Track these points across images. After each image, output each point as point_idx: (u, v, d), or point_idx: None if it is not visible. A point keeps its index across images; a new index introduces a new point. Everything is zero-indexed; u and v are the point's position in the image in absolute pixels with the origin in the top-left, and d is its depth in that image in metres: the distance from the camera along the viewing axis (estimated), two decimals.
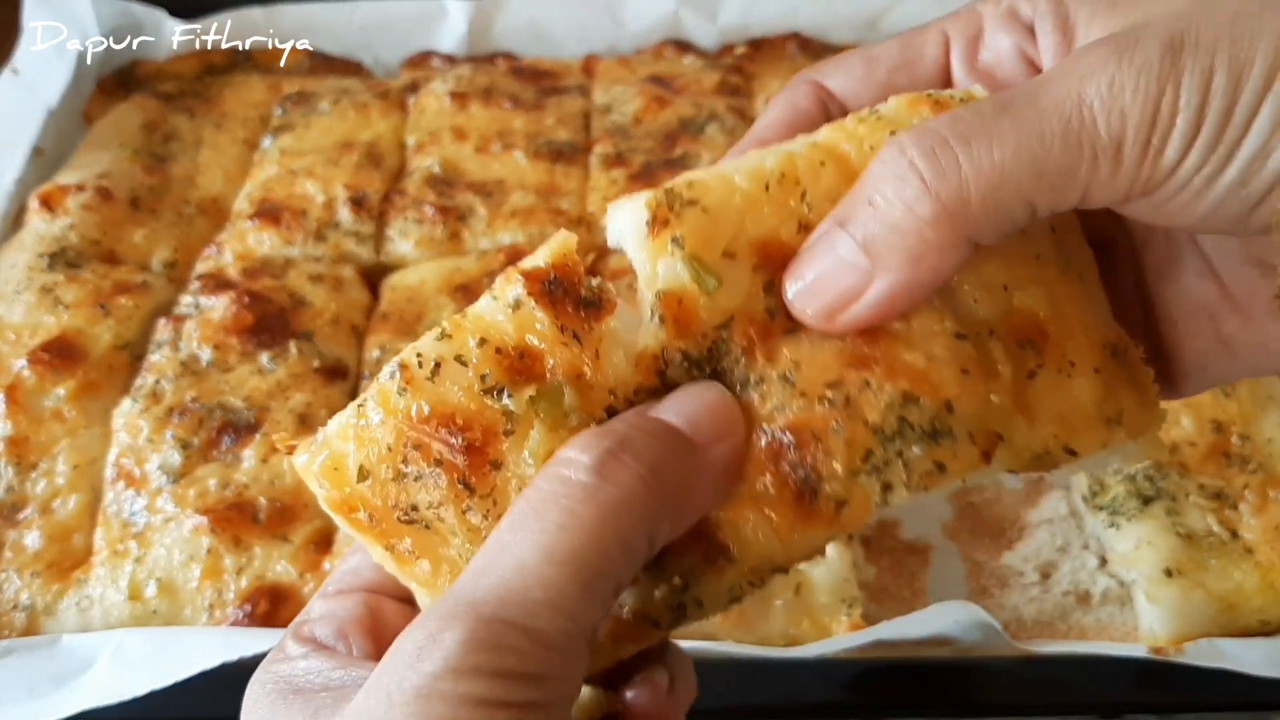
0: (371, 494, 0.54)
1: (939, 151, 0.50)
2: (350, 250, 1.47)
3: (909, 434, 0.53)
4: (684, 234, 0.54)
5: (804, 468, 0.52)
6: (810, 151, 0.56)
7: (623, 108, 1.70)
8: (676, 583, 0.52)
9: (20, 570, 1.12)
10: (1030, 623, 1.12)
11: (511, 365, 0.53)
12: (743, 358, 0.54)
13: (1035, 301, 0.56)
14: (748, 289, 0.54)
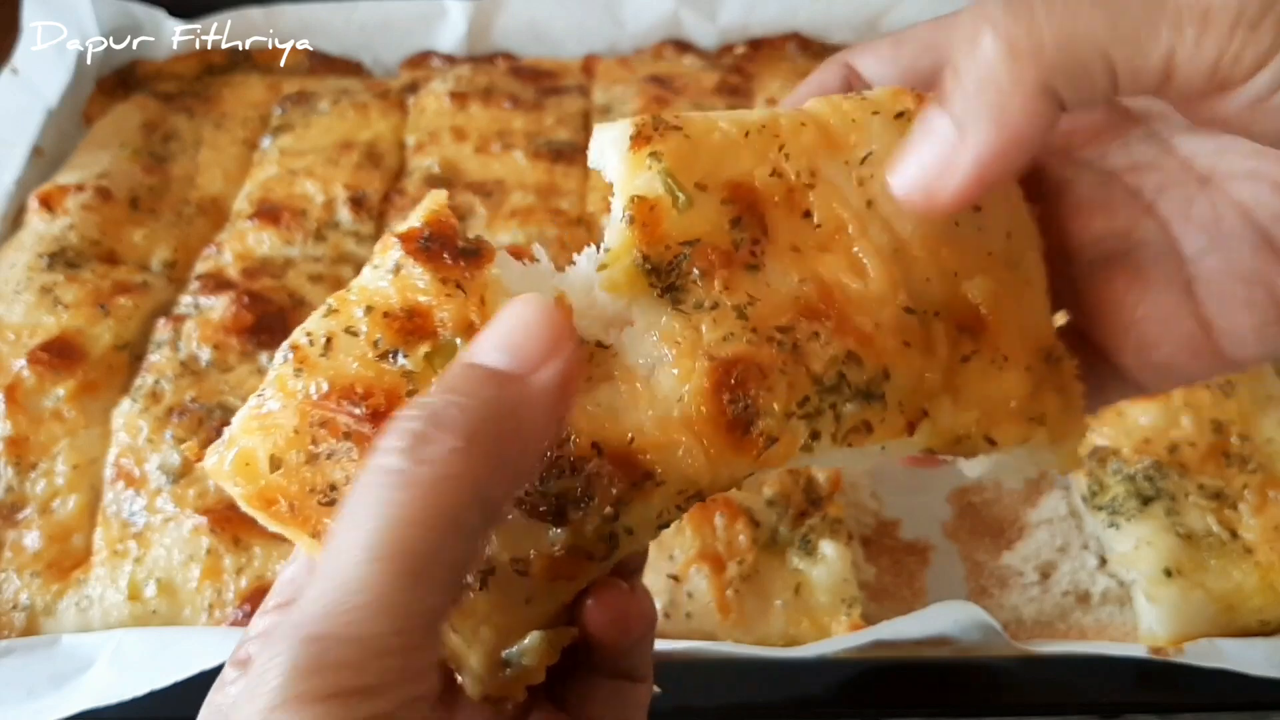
0: (287, 482, 0.54)
1: (1019, 7, 0.49)
2: (350, 250, 1.47)
3: (845, 390, 0.54)
4: (664, 152, 0.56)
5: (744, 400, 0.53)
6: (794, 114, 0.59)
7: (622, 108, 1.70)
8: (608, 512, 0.52)
9: (20, 570, 1.12)
10: (1030, 623, 1.12)
11: (402, 327, 0.54)
12: (701, 280, 0.54)
13: (980, 292, 0.58)
14: (715, 219, 0.56)
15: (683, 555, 1.08)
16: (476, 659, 0.54)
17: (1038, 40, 0.49)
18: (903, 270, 0.57)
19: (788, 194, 0.57)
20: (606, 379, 0.54)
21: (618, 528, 0.53)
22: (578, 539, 0.52)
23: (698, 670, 0.98)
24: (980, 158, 0.51)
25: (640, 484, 0.52)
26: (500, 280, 0.55)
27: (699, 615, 1.05)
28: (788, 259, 0.56)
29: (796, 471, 1.15)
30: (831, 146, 0.58)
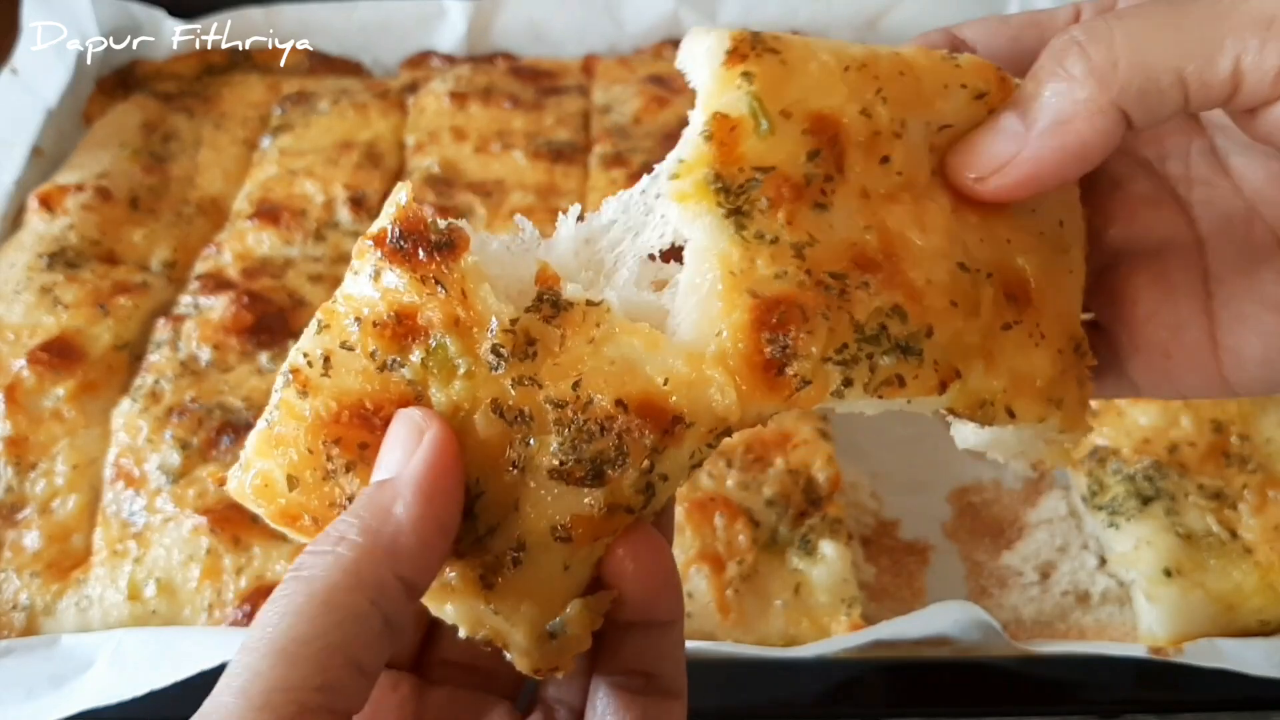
0: (307, 499, 0.54)
1: (1098, 26, 0.53)
2: (350, 250, 1.46)
3: (884, 342, 0.54)
4: (756, 74, 0.56)
5: (783, 341, 0.52)
6: (894, 59, 0.59)
7: (622, 107, 1.70)
8: (644, 465, 0.52)
9: (19, 570, 1.11)
10: (1030, 623, 1.12)
11: (394, 333, 0.54)
12: (766, 209, 0.54)
13: (1031, 266, 0.59)
14: (793, 150, 0.55)
15: (683, 555, 1.08)
16: (522, 635, 0.54)
17: (1112, 61, 0.52)
18: (961, 229, 0.57)
19: (872, 136, 0.57)
20: (609, 337, 0.53)
21: (654, 477, 0.53)
22: (616, 496, 0.53)
23: (698, 670, 0.98)
24: (1040, 164, 0.55)
25: (671, 430, 0.52)
26: (477, 266, 0.54)
27: (699, 615, 1.05)
28: (855, 202, 0.56)
29: (796, 471, 1.15)
30: (920, 102, 0.58)
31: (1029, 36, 0.63)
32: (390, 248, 0.54)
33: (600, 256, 0.58)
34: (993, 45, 0.64)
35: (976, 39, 0.65)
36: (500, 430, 0.53)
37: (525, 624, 0.54)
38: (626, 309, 0.55)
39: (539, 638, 0.54)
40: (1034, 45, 0.61)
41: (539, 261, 0.55)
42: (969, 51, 0.64)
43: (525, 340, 0.53)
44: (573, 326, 0.53)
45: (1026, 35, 0.63)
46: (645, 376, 0.52)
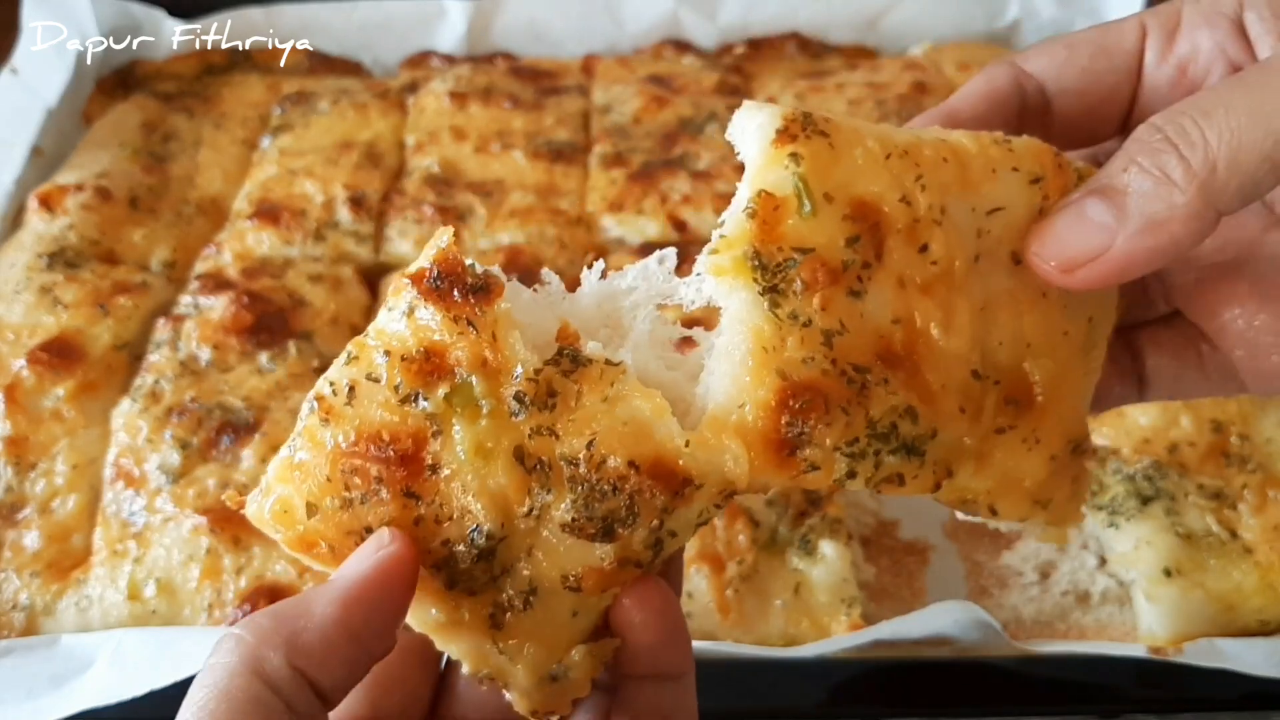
0: (324, 526, 0.56)
1: (1188, 126, 0.54)
2: (349, 250, 1.47)
3: (893, 440, 0.55)
4: (804, 155, 0.56)
5: (802, 427, 0.54)
6: (939, 145, 0.59)
7: (622, 107, 1.70)
8: (654, 524, 0.54)
9: (19, 570, 1.11)
10: (1030, 622, 1.12)
11: (420, 369, 0.55)
12: (801, 292, 0.55)
13: (1042, 372, 0.60)
14: (833, 234, 0.56)
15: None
16: (524, 676, 0.56)
17: (1210, 167, 0.53)
18: (984, 329, 0.58)
19: (912, 224, 0.57)
20: (622, 398, 0.54)
21: (663, 534, 0.54)
22: (626, 551, 0.54)
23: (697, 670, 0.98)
24: (1131, 260, 0.55)
25: (681, 491, 0.53)
26: (509, 313, 0.55)
27: (699, 615, 1.05)
28: (890, 292, 0.56)
29: None
30: (965, 188, 0.59)
31: (1100, 65, 0.63)
32: (427, 286, 0.56)
33: (620, 316, 0.60)
34: (1063, 79, 0.64)
35: (1045, 73, 0.64)
36: (520, 477, 0.54)
37: (529, 665, 0.56)
38: (640, 371, 0.56)
39: (541, 680, 0.56)
40: (1105, 72, 0.62)
41: (561, 318, 0.56)
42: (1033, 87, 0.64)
43: (547, 391, 0.54)
44: (590, 383, 0.54)
45: (1098, 65, 0.63)
46: (656, 440, 0.53)
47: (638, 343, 0.58)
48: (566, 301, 0.60)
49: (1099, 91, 0.63)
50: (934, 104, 1.71)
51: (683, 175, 1.53)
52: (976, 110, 0.64)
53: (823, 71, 1.78)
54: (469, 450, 0.54)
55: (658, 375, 0.57)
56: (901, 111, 1.63)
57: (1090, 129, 0.65)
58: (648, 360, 0.58)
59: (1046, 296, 0.60)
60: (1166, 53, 0.62)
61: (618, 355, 0.56)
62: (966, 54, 1.81)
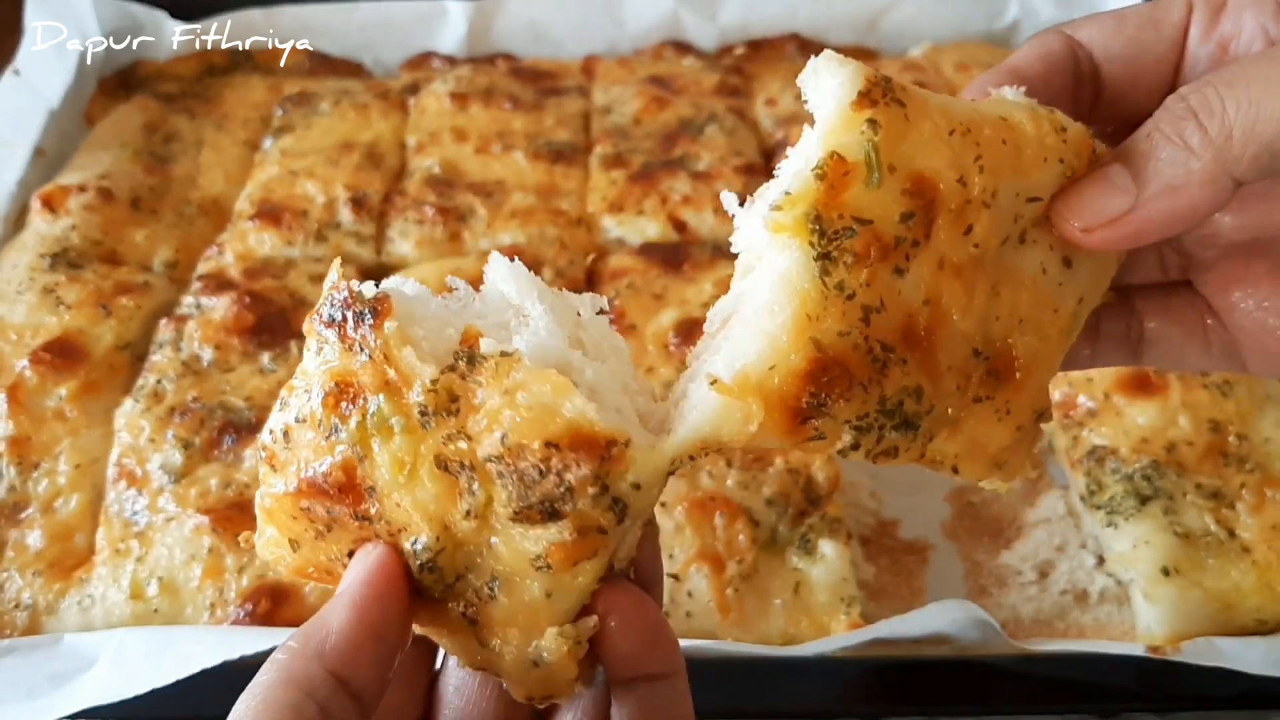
0: (310, 555, 0.60)
1: (1210, 95, 0.55)
2: (351, 250, 1.47)
3: (896, 417, 0.56)
4: (881, 124, 0.55)
5: (824, 399, 0.54)
6: (999, 126, 0.58)
7: (622, 108, 1.70)
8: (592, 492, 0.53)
9: (22, 569, 1.12)
10: (1028, 621, 1.12)
11: (335, 401, 0.57)
12: (854, 264, 0.54)
13: (1025, 349, 0.60)
14: (891, 208, 0.55)
15: (682, 555, 1.08)
16: (508, 662, 0.57)
17: (1226, 134, 0.54)
18: (989, 307, 0.58)
19: (963, 205, 0.57)
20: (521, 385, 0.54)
21: (618, 494, 0.54)
22: (583, 521, 0.54)
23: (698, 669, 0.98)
24: (1148, 223, 0.57)
25: (607, 454, 0.53)
26: (400, 330, 0.56)
27: (699, 614, 1.06)
28: (928, 273, 0.56)
29: (796, 471, 1.15)
30: (1016, 173, 0.59)
31: (1147, 37, 0.64)
32: (324, 320, 0.58)
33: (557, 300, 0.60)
34: (1111, 49, 0.65)
35: (1094, 41, 0.65)
36: (447, 484, 0.55)
37: (510, 651, 0.57)
38: (542, 352, 0.56)
39: (524, 664, 0.57)
40: (1152, 43, 0.63)
41: (465, 324, 0.57)
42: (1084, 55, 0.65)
43: (448, 398, 0.55)
44: (489, 379, 0.55)
45: (1145, 36, 0.64)
46: (565, 415, 0.53)
47: (535, 329, 0.57)
48: (477, 301, 0.60)
49: (1145, 62, 0.63)
50: None
51: (683, 176, 1.53)
52: (1035, 70, 0.64)
53: None
54: (390, 469, 0.56)
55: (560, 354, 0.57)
56: None
57: (1135, 100, 0.66)
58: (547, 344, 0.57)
59: (1046, 273, 0.61)
60: (1210, 30, 0.63)
61: (512, 345, 0.56)
62: (966, 55, 1.82)
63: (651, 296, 1.35)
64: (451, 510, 0.55)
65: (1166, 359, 0.69)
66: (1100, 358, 0.70)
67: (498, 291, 0.60)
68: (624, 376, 0.59)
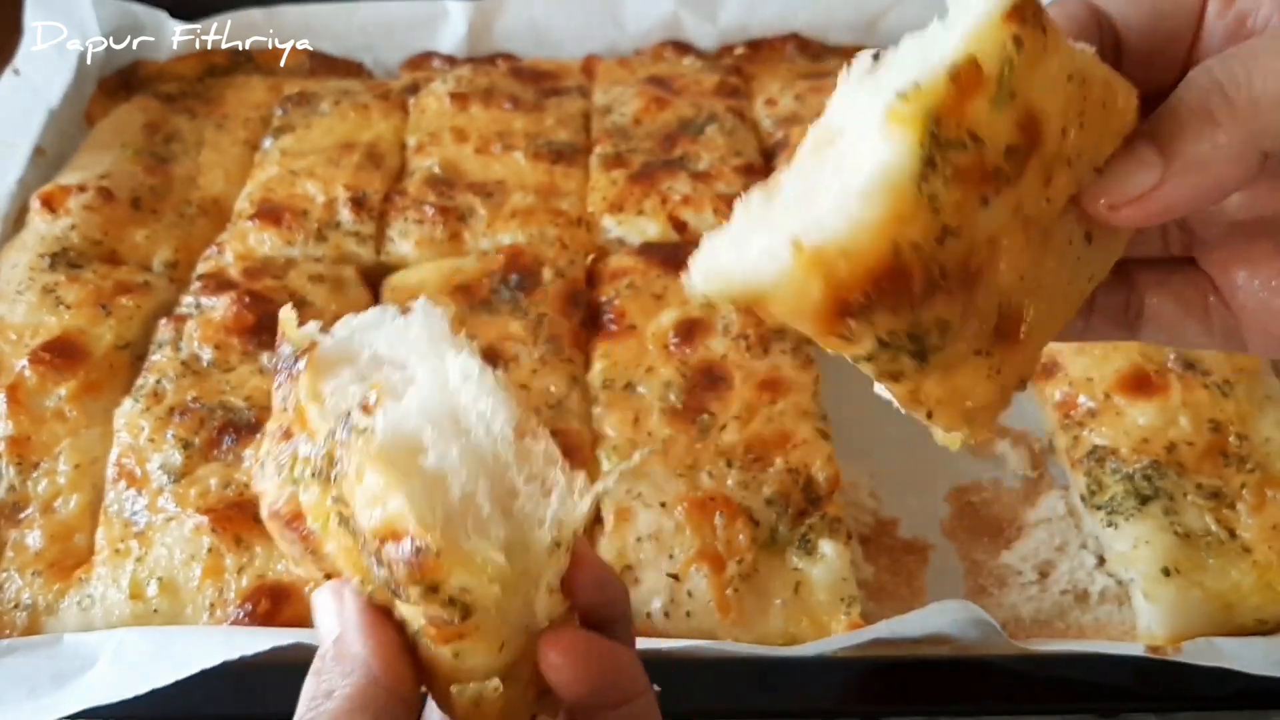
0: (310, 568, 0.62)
1: (1235, 67, 0.55)
2: (351, 250, 1.47)
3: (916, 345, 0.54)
4: (1025, 43, 0.52)
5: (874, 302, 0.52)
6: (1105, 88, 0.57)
7: (622, 108, 1.70)
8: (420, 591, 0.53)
9: (22, 569, 1.12)
10: (1028, 621, 1.12)
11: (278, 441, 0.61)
12: (953, 180, 0.52)
13: (1035, 316, 0.59)
14: (1002, 136, 0.53)
15: (682, 555, 1.08)
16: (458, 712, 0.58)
17: (1253, 105, 0.54)
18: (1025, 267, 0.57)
19: (1054, 155, 0.55)
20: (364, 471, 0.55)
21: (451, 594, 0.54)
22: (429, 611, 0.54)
23: (697, 669, 0.99)
24: (1176, 196, 0.56)
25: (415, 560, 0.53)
26: (309, 384, 0.59)
27: (698, 614, 1.06)
28: (1005, 214, 0.54)
29: (796, 471, 1.15)
30: (1102, 140, 0.57)
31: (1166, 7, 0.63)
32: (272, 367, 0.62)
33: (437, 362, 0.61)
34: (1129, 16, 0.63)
35: (1112, 7, 0.63)
36: (348, 540, 0.56)
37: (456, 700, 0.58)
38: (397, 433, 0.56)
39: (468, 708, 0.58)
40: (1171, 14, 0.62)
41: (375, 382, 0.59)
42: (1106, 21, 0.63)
43: (329, 463, 0.57)
44: (355, 451, 0.55)
45: (1164, 5, 0.63)
46: (388, 510, 0.53)
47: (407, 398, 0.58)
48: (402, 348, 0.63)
49: (1164, 34, 0.62)
50: None
51: (683, 176, 1.53)
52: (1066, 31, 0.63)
53: (823, 72, 1.78)
54: (312, 515, 0.58)
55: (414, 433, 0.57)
56: None
57: (1154, 72, 0.64)
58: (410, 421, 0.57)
59: (1072, 244, 0.60)
60: (1229, 2, 0.62)
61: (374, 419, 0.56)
62: None
63: (651, 296, 1.35)
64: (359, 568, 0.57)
65: (1165, 335, 0.68)
66: (1095, 331, 0.69)
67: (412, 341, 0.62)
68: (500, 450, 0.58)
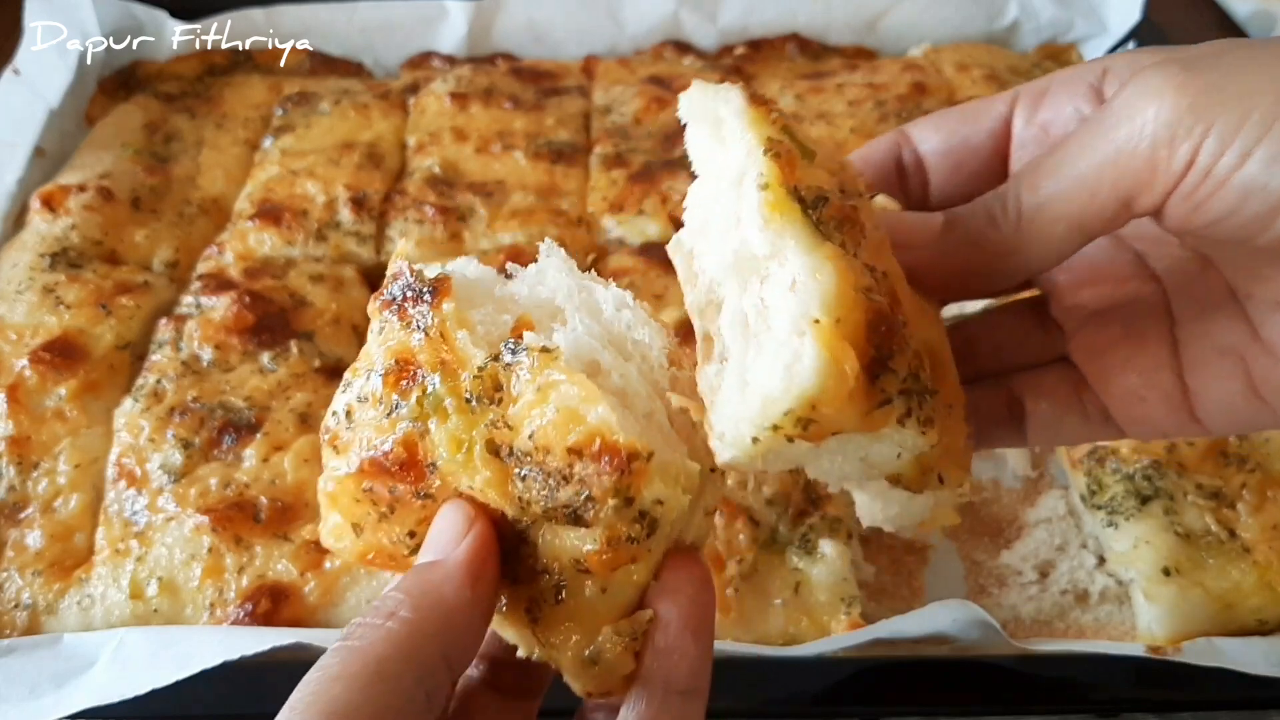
0: (373, 539, 0.60)
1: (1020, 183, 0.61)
2: (351, 250, 1.47)
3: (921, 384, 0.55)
4: (781, 112, 0.57)
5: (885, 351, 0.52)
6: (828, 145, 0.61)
7: (622, 108, 1.70)
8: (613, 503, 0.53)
9: (22, 569, 1.12)
10: (1029, 621, 1.12)
11: (396, 379, 0.58)
12: (840, 228, 0.55)
13: (933, 340, 0.61)
14: (829, 181, 0.56)
15: None
16: (566, 662, 0.57)
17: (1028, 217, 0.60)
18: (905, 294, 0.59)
19: (857, 193, 0.59)
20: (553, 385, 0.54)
21: (644, 507, 0.53)
22: (612, 531, 0.54)
23: None
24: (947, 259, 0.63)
25: (628, 468, 0.52)
26: (458, 311, 0.57)
27: None
28: (873, 245, 0.57)
29: (796, 470, 1.15)
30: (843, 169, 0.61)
31: (964, 129, 0.71)
32: (386, 300, 0.59)
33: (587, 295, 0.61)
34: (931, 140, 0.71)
35: (917, 136, 0.72)
36: (499, 468, 0.55)
37: (568, 651, 0.57)
38: (576, 354, 0.56)
39: (581, 663, 0.57)
40: (969, 134, 0.70)
41: (522, 311, 0.58)
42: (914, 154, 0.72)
43: (493, 386, 0.56)
44: (529, 371, 0.55)
45: (962, 128, 0.71)
46: (590, 423, 0.53)
47: (573, 326, 0.58)
48: (540, 288, 0.61)
49: (965, 151, 0.70)
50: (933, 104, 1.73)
51: (683, 176, 1.53)
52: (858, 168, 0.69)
53: (822, 72, 1.79)
54: (448, 447, 0.56)
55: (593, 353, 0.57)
56: (901, 112, 1.64)
57: (959, 183, 0.72)
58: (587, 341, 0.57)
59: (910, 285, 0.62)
60: (1032, 117, 0.69)
61: (554, 340, 0.56)
62: (965, 55, 1.82)
63: (652, 296, 1.35)
64: (510, 494, 0.55)
65: (1048, 433, 0.72)
66: (987, 439, 0.72)
67: (552, 281, 0.61)
68: (658, 376, 0.59)
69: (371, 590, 1.08)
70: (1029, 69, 1.83)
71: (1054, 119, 0.68)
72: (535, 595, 0.56)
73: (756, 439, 0.52)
